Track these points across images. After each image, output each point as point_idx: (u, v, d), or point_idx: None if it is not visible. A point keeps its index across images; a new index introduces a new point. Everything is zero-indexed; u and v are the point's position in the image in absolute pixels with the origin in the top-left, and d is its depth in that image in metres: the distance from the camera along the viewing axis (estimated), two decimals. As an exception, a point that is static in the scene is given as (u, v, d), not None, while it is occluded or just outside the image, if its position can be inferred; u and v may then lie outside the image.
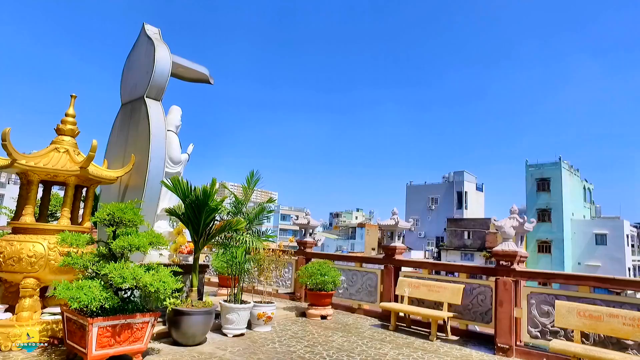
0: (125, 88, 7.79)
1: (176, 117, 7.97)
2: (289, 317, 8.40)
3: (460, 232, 49.72)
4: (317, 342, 6.63)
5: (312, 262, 8.93)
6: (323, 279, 8.22)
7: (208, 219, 6.43)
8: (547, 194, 48.60)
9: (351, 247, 68.29)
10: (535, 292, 6.62)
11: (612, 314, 5.58)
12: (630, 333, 5.41)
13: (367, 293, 9.13)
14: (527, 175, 50.61)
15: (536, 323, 6.50)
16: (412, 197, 61.55)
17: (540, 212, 48.63)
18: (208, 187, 6.23)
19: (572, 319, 5.86)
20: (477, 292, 7.43)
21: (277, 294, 10.78)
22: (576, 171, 53.23)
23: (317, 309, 8.40)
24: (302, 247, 10.62)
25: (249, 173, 7.58)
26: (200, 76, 8.57)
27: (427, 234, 58.06)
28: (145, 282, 4.62)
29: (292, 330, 7.35)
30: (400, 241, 8.92)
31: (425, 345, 6.82)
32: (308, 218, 10.55)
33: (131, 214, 5.09)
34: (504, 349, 6.48)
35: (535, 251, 48.13)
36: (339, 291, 9.48)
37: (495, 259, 6.91)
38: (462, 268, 7.97)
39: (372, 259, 10.50)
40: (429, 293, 7.76)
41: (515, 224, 6.94)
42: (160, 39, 7.45)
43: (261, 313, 7.07)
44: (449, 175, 59.85)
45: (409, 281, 8.18)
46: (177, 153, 7.75)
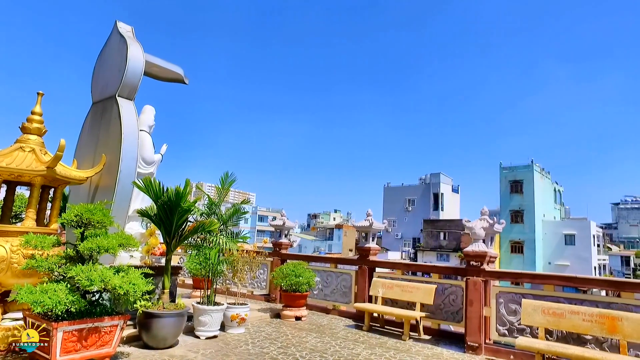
0: (97, 87, 7.63)
1: (149, 117, 7.86)
2: (263, 319, 8.37)
3: (436, 233, 50.51)
4: (290, 343, 6.64)
5: (287, 264, 8.94)
6: (297, 280, 8.23)
7: (180, 220, 6.36)
8: (520, 196, 49.92)
9: (329, 248, 68.44)
10: (503, 292, 6.81)
11: (574, 311, 5.81)
12: (588, 328, 5.64)
13: (341, 294, 9.20)
14: (501, 177, 51.87)
15: (504, 321, 6.68)
16: (390, 199, 62.19)
17: (514, 214, 49.92)
18: (181, 188, 6.16)
19: (537, 316, 6.06)
20: (448, 292, 7.58)
21: (253, 296, 10.73)
22: (547, 174, 54.88)
23: (292, 310, 8.40)
24: (278, 249, 10.61)
25: (223, 174, 7.53)
26: (175, 76, 8.47)
27: (404, 235, 58.75)
28: (115, 285, 4.53)
29: (265, 332, 7.33)
30: (374, 242, 9.01)
31: (397, 345, 6.92)
32: (283, 219, 10.54)
33: (100, 215, 4.99)
34: (473, 347, 6.64)
35: (509, 251, 49.38)
36: (313, 292, 9.52)
37: (466, 259, 7.07)
38: (434, 269, 8.13)
39: (347, 260, 10.58)
40: (402, 293, 7.87)
41: (485, 225, 7.12)
42: (133, 38, 7.33)
43: (235, 315, 7.03)
44: (425, 177, 60.74)
45: (382, 282, 8.29)
46: (150, 153, 7.64)
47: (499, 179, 51.99)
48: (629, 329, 5.34)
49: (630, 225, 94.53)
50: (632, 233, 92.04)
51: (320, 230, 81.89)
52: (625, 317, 5.44)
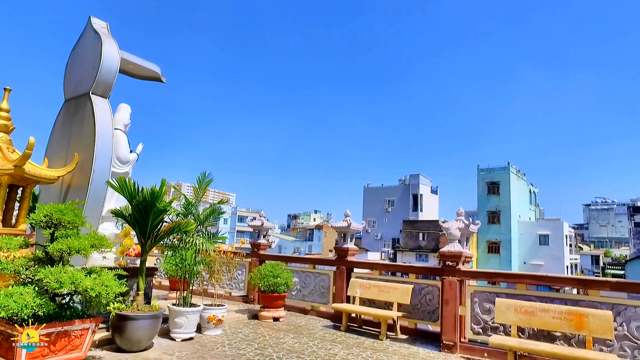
0: (69, 83, 7.43)
1: (125, 115, 7.70)
2: (240, 320, 8.31)
3: (416, 233, 51.10)
4: (267, 344, 6.61)
5: (265, 264, 8.90)
6: (275, 281, 8.21)
7: (156, 221, 6.25)
8: (496, 197, 50.99)
9: (309, 249, 68.45)
10: (478, 291, 6.94)
11: (544, 309, 5.97)
12: (558, 325, 5.81)
13: (320, 294, 9.21)
14: (479, 179, 52.89)
15: (479, 320, 6.81)
16: (369, 199, 62.57)
17: (491, 214, 50.96)
18: (157, 188, 6.06)
19: (510, 315, 6.20)
20: (425, 292, 7.68)
21: (231, 297, 10.64)
22: (523, 175, 56.24)
23: (270, 311, 8.37)
24: (256, 249, 10.55)
25: (200, 174, 7.44)
26: (152, 74, 8.33)
27: (383, 236, 59.21)
28: (86, 287, 4.42)
29: (243, 333, 7.28)
30: (352, 243, 9.06)
31: (374, 345, 6.97)
32: (262, 220, 10.49)
33: (71, 215, 4.86)
34: (448, 346, 6.74)
35: (486, 251, 50.38)
36: (292, 293, 9.50)
37: (442, 259, 7.18)
38: (411, 269, 8.23)
39: (325, 260, 10.59)
40: (380, 293, 7.93)
41: (461, 225, 7.25)
42: (108, 34, 7.17)
43: (211, 316, 6.96)
44: (405, 178, 61.36)
45: (360, 282, 8.34)
46: (126, 152, 7.49)
47: (477, 181, 53.02)
48: (594, 325, 5.54)
49: (600, 226, 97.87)
50: (602, 233, 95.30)
51: (300, 231, 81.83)
52: (591, 314, 5.63)
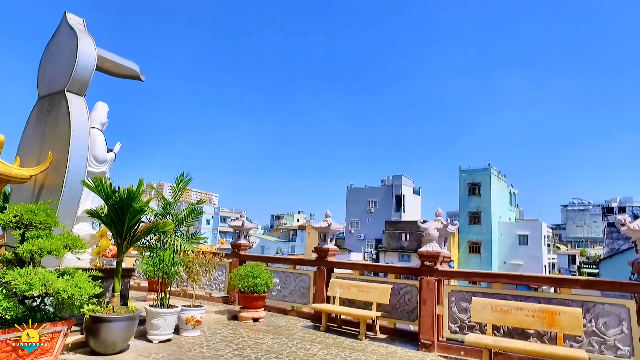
0: (44, 80, 7.25)
1: (102, 114, 7.56)
2: (220, 321, 8.25)
3: (398, 234, 51.52)
4: (246, 345, 6.58)
5: (245, 265, 8.85)
6: (255, 281, 8.17)
7: (133, 221, 6.16)
8: (477, 198, 51.78)
9: (292, 250, 68.37)
10: (455, 290, 7.04)
11: (519, 307, 6.11)
12: (531, 323, 5.96)
13: (300, 295, 9.21)
14: (460, 180, 53.62)
15: (456, 319, 6.91)
16: (352, 200, 62.84)
17: (472, 215, 51.72)
18: (134, 187, 5.98)
19: (486, 313, 6.32)
20: (404, 292, 7.75)
21: (211, 298, 10.56)
22: (503, 177, 57.26)
23: (249, 311, 8.33)
24: (237, 250, 10.49)
25: (178, 174, 7.36)
26: (130, 72, 8.20)
27: (366, 236, 59.53)
28: (58, 289, 4.33)
29: (222, 334, 7.23)
30: (333, 243, 9.09)
31: (353, 345, 7.00)
32: (242, 220, 10.44)
33: (43, 216, 4.76)
34: (426, 345, 6.82)
35: (467, 252, 51.11)
36: (272, 293, 9.48)
37: (420, 259, 7.26)
38: (390, 269, 8.30)
39: (305, 260, 10.61)
40: (359, 293, 7.98)
41: (439, 226, 7.35)
42: (84, 31, 7.03)
43: (189, 317, 6.89)
44: (388, 179, 61.83)
45: (340, 282, 8.37)
46: (102, 152, 7.35)
47: (458, 182, 53.74)
48: (565, 322, 5.70)
49: (577, 226, 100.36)
50: (578, 233, 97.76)
51: (283, 232, 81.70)
52: (562, 311, 5.79)
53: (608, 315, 5.77)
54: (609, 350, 5.69)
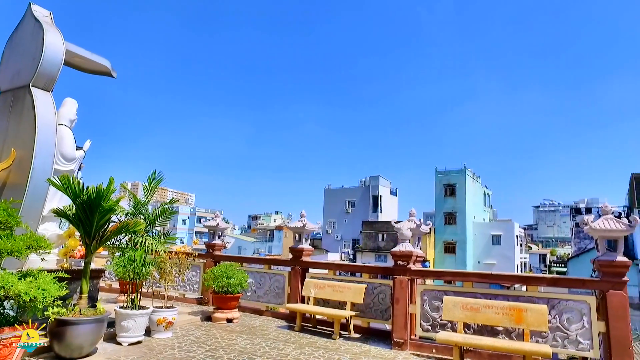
0: (6, 74, 6.98)
1: (71, 110, 7.35)
2: (193, 322, 8.14)
3: (375, 234, 51.92)
4: (219, 346, 6.51)
5: (219, 265, 8.75)
6: (229, 282, 8.09)
7: (102, 221, 6.00)
8: (453, 199, 52.65)
9: (269, 250, 67.99)
10: (427, 289, 7.14)
11: (488, 305, 6.25)
12: (500, 320, 6.11)
13: (275, 295, 9.17)
14: (436, 181, 54.41)
15: (428, 317, 7.01)
16: (330, 200, 62.96)
17: (447, 216, 52.56)
18: (103, 186, 5.82)
19: (457, 312, 6.44)
20: (378, 291, 7.81)
21: (184, 299, 10.40)
22: (478, 178, 58.44)
23: (223, 312, 8.24)
24: (211, 250, 10.37)
25: (150, 173, 7.21)
26: (101, 68, 8.00)
27: (343, 237, 59.75)
28: (19, 291, 4.17)
29: (194, 335, 7.13)
30: (307, 243, 9.09)
31: (327, 344, 7.02)
32: (217, 220, 10.33)
33: (4, 215, 4.59)
34: (399, 343, 6.89)
35: (442, 252, 51.94)
36: (247, 294, 9.40)
37: (394, 259, 7.34)
38: (364, 268, 8.36)
39: (280, 261, 10.58)
40: (334, 293, 8.00)
41: (412, 226, 7.45)
42: (51, 24, 6.81)
43: (161, 319, 6.76)
44: (365, 180, 62.22)
45: (314, 282, 8.38)
46: (71, 149, 7.15)
47: (434, 183, 54.54)
48: (531, 318, 5.87)
49: (547, 226, 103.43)
50: (549, 233, 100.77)
51: (260, 232, 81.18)
52: (529, 309, 5.96)
53: (571, 311, 5.98)
54: (571, 345, 5.90)
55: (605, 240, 5.91)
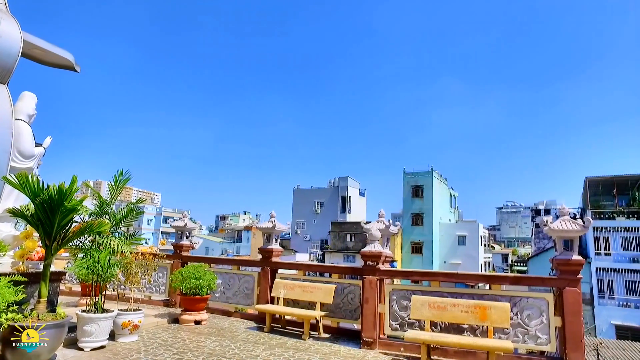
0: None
1: (29, 105, 7.02)
2: (160, 325, 7.95)
3: (344, 235, 52.31)
4: (187, 349, 6.39)
5: (187, 266, 8.59)
6: (197, 283, 7.96)
7: (64, 221, 5.75)
8: (420, 200, 53.74)
9: (237, 251, 67.20)
10: (396, 289, 7.27)
11: (454, 304, 6.43)
12: (465, 318, 6.30)
13: (244, 296, 9.09)
14: (404, 182, 55.39)
15: (397, 317, 7.13)
16: (299, 201, 62.93)
17: (414, 216, 53.60)
18: (65, 185, 5.58)
19: (425, 310, 6.59)
20: (347, 291, 7.88)
21: (151, 301, 10.14)
22: (444, 180, 59.92)
23: (191, 314, 8.10)
24: (178, 251, 10.16)
25: (117, 171, 6.99)
26: (63, 62, 7.68)
27: (312, 237, 59.86)
28: (-28, 295, 3.94)
29: (161, 338, 6.96)
30: (277, 243, 9.06)
31: (297, 345, 7.02)
32: (185, 220, 10.13)
33: (-43, 215, 4.32)
34: (368, 343, 6.97)
35: (410, 252, 52.92)
36: (215, 295, 9.28)
37: (363, 259, 7.42)
38: (334, 269, 8.43)
39: (250, 261, 10.49)
40: (303, 294, 8.01)
41: (381, 227, 7.56)
42: (7, 12, 6.48)
43: (126, 322, 6.56)
44: (334, 181, 62.57)
45: (284, 283, 8.36)
46: (29, 146, 6.83)
47: (402, 184, 55.51)
48: (495, 316, 6.09)
49: (510, 227, 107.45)
50: (511, 234, 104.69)
51: (228, 232, 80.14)
52: (493, 306, 6.18)
53: (531, 308, 6.25)
54: (531, 340, 6.17)
55: (562, 240, 6.20)
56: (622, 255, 32.87)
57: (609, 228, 33.51)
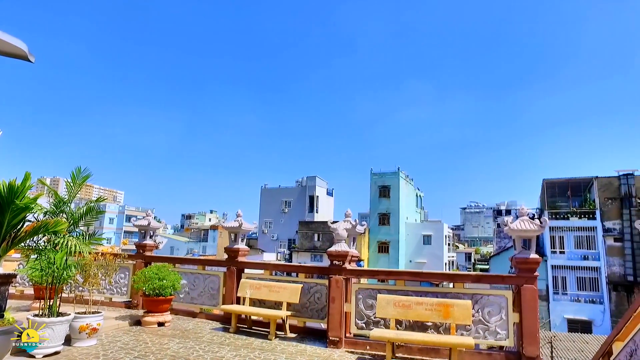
0: None
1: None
2: (120, 327, 7.69)
3: (311, 234, 52.35)
4: (149, 352, 6.21)
5: (150, 266, 8.34)
6: (161, 284, 7.75)
7: (15, 220, 5.45)
8: (387, 200, 54.51)
9: (203, 250, 66.00)
10: (362, 288, 7.33)
11: (419, 302, 6.56)
12: (429, 316, 6.44)
13: (209, 296, 8.92)
14: (372, 182, 56.03)
15: (363, 315, 7.19)
16: (266, 200, 62.51)
17: (381, 216, 54.33)
18: (17, 182, 5.30)
19: (390, 309, 6.68)
20: (314, 291, 7.88)
21: (112, 303, 9.79)
22: (411, 180, 61.07)
23: (154, 315, 7.87)
24: (142, 250, 9.85)
25: (75, 168, 6.69)
26: (16, 51, 7.22)
27: (279, 236, 59.59)
28: None
29: (122, 341, 6.74)
30: (244, 243, 8.95)
31: (263, 345, 6.96)
32: (149, 219, 9.84)
33: None
34: (334, 342, 7.00)
35: (376, 251, 53.61)
36: (180, 296, 9.07)
37: (330, 259, 7.45)
38: (301, 268, 8.40)
39: (215, 261, 10.32)
40: (270, 293, 7.95)
41: (348, 226, 7.61)
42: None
43: (84, 325, 6.30)
44: (302, 180, 62.52)
45: (250, 282, 8.27)
46: (-22, 140, 6.42)
47: (370, 184, 56.15)
48: (457, 313, 6.26)
49: (473, 227, 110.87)
50: (474, 233, 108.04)
51: (194, 232, 78.62)
52: (455, 304, 6.35)
53: (492, 305, 6.46)
54: (491, 336, 6.38)
55: (521, 240, 6.45)
56: (574, 253, 34.64)
57: (563, 228, 35.24)
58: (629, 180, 33.87)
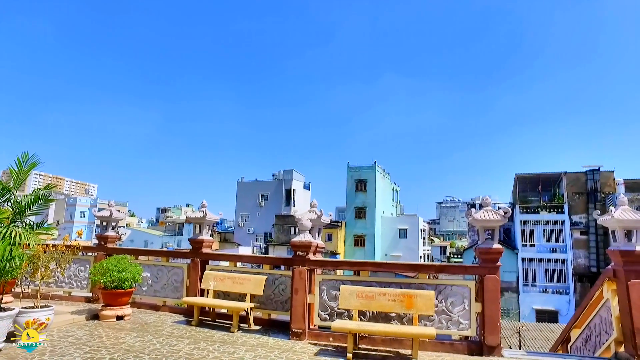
0: None
1: None
2: (75, 322, 7.36)
3: (287, 228, 52.16)
4: (102, 346, 5.94)
5: (109, 258, 8.02)
6: (120, 276, 7.45)
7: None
8: (363, 194, 54.76)
9: (178, 244, 64.90)
10: (326, 279, 7.22)
11: (382, 293, 6.49)
12: (392, 307, 6.38)
13: (173, 289, 8.67)
14: (348, 176, 56.14)
15: (326, 307, 7.08)
16: (243, 194, 61.95)
17: (358, 210, 54.57)
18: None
19: (353, 300, 6.59)
20: (278, 282, 7.73)
21: (71, 297, 9.42)
22: (387, 174, 61.50)
23: (113, 309, 7.58)
24: (103, 242, 9.51)
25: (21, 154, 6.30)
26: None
27: (256, 230, 59.18)
28: None
29: (75, 336, 6.43)
30: (208, 234, 8.72)
31: (225, 338, 6.78)
32: (111, 210, 9.50)
33: None
34: (297, 334, 6.88)
35: (353, 245, 53.88)
36: (142, 288, 8.78)
37: (293, 249, 7.30)
38: (266, 260, 8.24)
39: (179, 253, 10.04)
40: (234, 285, 7.77)
41: (313, 216, 7.47)
42: None
43: (31, 320, 5.95)
44: (278, 174, 62.16)
45: (214, 274, 8.05)
46: None
47: (346, 178, 56.27)
48: (420, 304, 6.22)
49: (449, 221, 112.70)
50: (449, 227, 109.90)
51: (169, 225, 77.23)
52: (419, 295, 6.31)
53: (455, 295, 6.46)
54: (454, 326, 6.38)
55: (486, 231, 6.45)
56: (544, 246, 35.67)
57: (534, 221, 36.19)
58: (595, 176, 35.05)
